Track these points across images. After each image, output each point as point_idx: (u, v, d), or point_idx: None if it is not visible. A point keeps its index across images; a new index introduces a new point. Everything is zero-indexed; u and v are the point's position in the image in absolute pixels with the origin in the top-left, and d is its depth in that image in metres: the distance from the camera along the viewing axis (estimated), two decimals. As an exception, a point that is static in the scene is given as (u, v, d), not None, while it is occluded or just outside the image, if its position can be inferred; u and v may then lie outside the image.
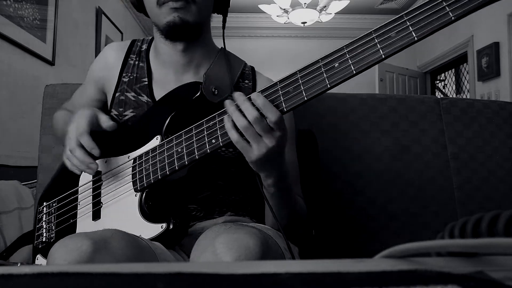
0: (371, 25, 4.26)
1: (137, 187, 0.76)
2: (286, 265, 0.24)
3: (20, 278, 0.23)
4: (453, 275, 0.23)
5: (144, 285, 0.22)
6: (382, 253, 0.26)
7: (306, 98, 0.63)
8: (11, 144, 2.10)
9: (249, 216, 0.89)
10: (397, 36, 0.58)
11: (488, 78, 3.81)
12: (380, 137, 1.25)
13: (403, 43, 0.58)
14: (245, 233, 0.57)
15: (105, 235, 0.62)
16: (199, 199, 0.84)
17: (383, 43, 0.59)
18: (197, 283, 0.22)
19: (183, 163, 0.72)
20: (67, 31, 2.83)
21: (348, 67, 0.61)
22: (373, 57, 0.59)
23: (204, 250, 0.58)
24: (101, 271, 0.23)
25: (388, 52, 0.58)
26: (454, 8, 0.55)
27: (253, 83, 0.92)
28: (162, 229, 0.71)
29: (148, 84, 0.89)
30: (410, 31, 0.57)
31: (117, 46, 0.95)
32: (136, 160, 0.78)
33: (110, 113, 0.90)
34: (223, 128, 0.68)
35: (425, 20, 0.57)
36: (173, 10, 0.78)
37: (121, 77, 0.91)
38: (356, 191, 1.23)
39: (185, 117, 0.79)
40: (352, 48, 0.61)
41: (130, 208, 0.76)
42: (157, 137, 0.78)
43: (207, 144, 0.70)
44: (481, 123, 1.32)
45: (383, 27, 0.60)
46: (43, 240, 0.87)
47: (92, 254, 0.56)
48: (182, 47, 0.86)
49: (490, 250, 0.22)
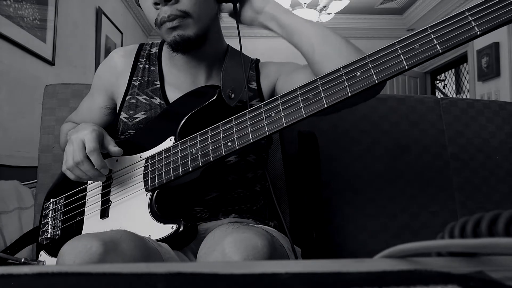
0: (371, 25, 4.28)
1: (148, 186, 0.76)
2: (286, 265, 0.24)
3: (20, 278, 0.23)
4: (453, 275, 0.23)
5: (144, 285, 0.22)
6: (382, 253, 0.26)
7: (326, 105, 0.62)
8: (11, 144, 2.10)
9: (253, 218, 0.89)
10: (421, 48, 0.58)
11: (488, 78, 3.81)
12: (380, 137, 1.25)
13: (427, 55, 0.58)
14: (253, 233, 0.58)
15: (114, 237, 0.61)
16: (206, 201, 0.84)
17: (407, 54, 0.59)
18: (197, 283, 0.22)
19: (197, 165, 0.71)
20: (67, 31, 2.83)
21: (370, 76, 0.60)
22: (396, 67, 0.59)
23: (213, 250, 0.58)
24: (101, 271, 0.23)
25: (411, 63, 0.58)
26: (480, 23, 0.55)
27: (256, 72, 0.92)
28: (172, 230, 0.71)
29: (160, 87, 0.88)
30: (434, 44, 0.57)
31: (124, 51, 0.94)
32: (149, 160, 0.78)
33: (119, 116, 0.89)
34: (240, 132, 0.68)
35: (450, 33, 0.56)
36: (171, 29, 0.77)
37: (131, 81, 0.90)
38: (356, 191, 1.23)
39: (200, 119, 0.78)
40: (374, 58, 0.61)
41: (140, 208, 0.76)
42: (171, 138, 0.77)
43: (223, 147, 0.69)
44: (481, 123, 1.32)
45: (407, 38, 0.60)
46: (48, 236, 0.86)
47: (102, 255, 0.56)
48: (193, 55, 0.86)
49: (490, 250, 0.22)
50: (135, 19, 4.70)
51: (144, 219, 0.74)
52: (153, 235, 0.71)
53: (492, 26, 0.54)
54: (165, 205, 0.77)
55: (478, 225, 0.25)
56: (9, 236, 1.36)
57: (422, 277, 0.23)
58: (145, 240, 0.66)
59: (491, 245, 0.22)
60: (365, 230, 1.22)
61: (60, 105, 1.19)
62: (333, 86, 0.62)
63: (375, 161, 1.24)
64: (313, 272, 0.23)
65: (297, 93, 0.65)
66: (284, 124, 0.65)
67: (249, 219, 0.88)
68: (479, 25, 0.54)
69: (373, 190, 1.23)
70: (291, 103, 0.65)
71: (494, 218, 0.24)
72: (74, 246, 0.58)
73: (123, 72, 0.91)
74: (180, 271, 0.23)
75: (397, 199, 1.24)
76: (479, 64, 3.93)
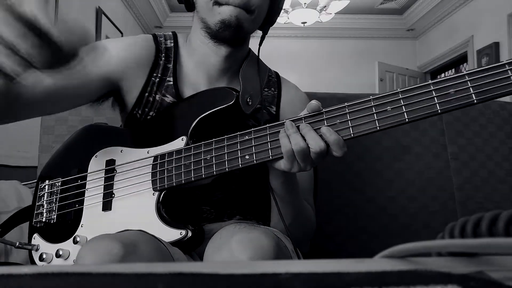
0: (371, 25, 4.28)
1: (157, 186, 0.74)
2: (286, 265, 0.24)
3: (20, 278, 0.23)
4: (453, 275, 0.23)
5: (144, 285, 0.22)
6: (382, 253, 0.26)
7: (352, 135, 0.62)
8: (11, 144, 2.10)
9: (256, 219, 0.89)
10: (456, 96, 0.57)
11: (488, 78, 3.81)
12: (380, 137, 1.25)
13: (461, 103, 0.57)
14: (260, 233, 0.58)
15: (133, 239, 0.61)
16: (212, 201, 0.83)
17: (441, 98, 0.58)
18: (197, 283, 0.22)
19: (211, 173, 0.70)
20: (67, 31, 2.83)
21: (401, 114, 0.60)
22: (428, 110, 0.58)
23: (220, 249, 0.58)
24: (101, 271, 0.23)
25: (444, 109, 0.58)
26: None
27: (278, 92, 0.90)
28: (180, 236, 0.70)
29: (173, 84, 0.84)
30: (470, 93, 0.56)
31: (146, 43, 0.85)
32: (158, 159, 0.75)
33: (133, 112, 0.84)
34: (259, 147, 0.67)
35: (488, 85, 0.55)
36: (232, 12, 0.74)
37: (151, 77, 0.84)
38: (356, 191, 1.23)
39: (213, 122, 0.76)
40: (407, 96, 0.60)
41: (146, 207, 0.74)
42: (183, 138, 0.75)
43: (239, 159, 0.68)
44: (481, 123, 1.32)
45: (443, 82, 0.58)
46: (42, 220, 0.83)
47: (123, 258, 0.55)
48: (225, 52, 0.82)
49: (490, 250, 0.22)
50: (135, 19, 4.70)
51: (151, 219, 0.73)
52: (160, 237, 0.70)
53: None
54: (171, 205, 0.76)
55: (478, 225, 0.25)
56: (9, 236, 1.36)
57: (422, 277, 0.23)
58: (159, 243, 0.66)
59: (491, 245, 0.22)
60: (365, 230, 1.22)
61: (60, 105, 1.19)
62: (361, 118, 0.62)
63: (375, 161, 1.24)
64: (313, 272, 0.23)
65: (323, 117, 0.64)
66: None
67: (253, 220, 0.88)
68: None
69: (373, 190, 1.23)
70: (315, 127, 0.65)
71: (494, 218, 0.24)
72: (95, 248, 0.57)
73: (145, 64, 0.84)
74: (181, 271, 0.23)
75: (397, 199, 1.24)
76: (479, 64, 3.93)
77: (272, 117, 0.87)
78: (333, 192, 1.21)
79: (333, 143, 0.62)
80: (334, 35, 5.62)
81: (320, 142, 0.62)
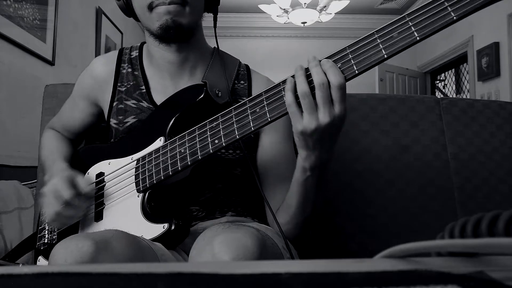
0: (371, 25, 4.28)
1: (140, 188, 0.76)
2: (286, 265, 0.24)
3: (20, 278, 0.23)
4: (453, 275, 0.23)
5: (144, 285, 0.22)
6: (382, 253, 0.26)
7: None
8: (11, 144, 2.10)
9: (251, 216, 0.89)
10: (399, 36, 0.58)
11: (488, 78, 3.81)
12: (380, 137, 1.25)
13: (405, 43, 0.58)
14: (243, 233, 0.58)
15: (106, 236, 0.62)
16: (200, 201, 0.84)
17: (385, 43, 0.59)
18: (197, 283, 0.22)
19: (186, 164, 0.72)
20: (67, 31, 2.83)
21: (350, 67, 0.61)
22: (376, 57, 0.59)
23: (202, 250, 0.58)
24: (101, 271, 0.23)
25: (390, 52, 0.59)
26: (456, 8, 0.55)
27: (248, 83, 0.92)
28: (163, 229, 0.71)
29: (146, 92, 0.88)
30: (412, 31, 0.58)
31: (105, 59, 0.94)
32: (139, 161, 0.78)
33: (109, 123, 0.89)
34: (226, 128, 0.68)
35: (427, 20, 0.57)
36: (165, 14, 0.77)
37: (116, 87, 0.90)
38: (356, 191, 1.23)
39: (190, 118, 0.79)
40: (354, 49, 0.61)
41: (133, 209, 0.76)
42: (160, 139, 0.78)
43: (210, 145, 0.70)
44: (481, 123, 1.32)
45: (385, 27, 0.60)
46: (45, 241, 0.87)
47: (93, 254, 0.56)
48: (176, 47, 0.85)
49: (490, 250, 0.22)
50: (135, 19, 4.69)
51: (137, 220, 0.75)
52: (145, 235, 0.72)
53: (468, 10, 0.55)
54: (158, 205, 0.78)
55: (478, 225, 0.25)
56: (9, 236, 1.36)
57: (422, 277, 0.23)
58: (137, 239, 0.67)
59: (491, 245, 0.22)
60: (365, 230, 1.22)
61: (60, 105, 1.18)
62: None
63: (375, 161, 1.24)
64: (313, 272, 0.23)
65: (280, 88, 0.65)
66: (268, 119, 0.65)
67: (247, 217, 0.88)
68: (455, 10, 0.55)
69: (373, 190, 1.23)
70: (276, 97, 0.65)
71: (494, 218, 0.24)
72: (66, 245, 0.58)
73: (107, 79, 0.91)
74: (180, 271, 0.23)
75: (397, 199, 1.24)
76: (479, 64, 3.93)
77: None
78: (333, 192, 1.21)
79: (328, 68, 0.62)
80: (334, 35, 5.62)
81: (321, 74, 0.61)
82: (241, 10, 5.14)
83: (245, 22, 5.42)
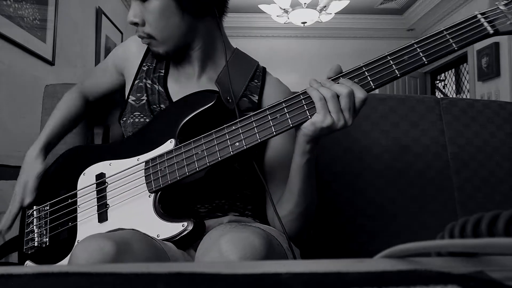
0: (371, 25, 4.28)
1: (152, 188, 0.76)
2: (286, 265, 0.24)
3: (20, 278, 0.23)
4: (453, 275, 0.23)
5: (144, 285, 0.22)
6: (382, 253, 0.26)
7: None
8: (11, 144, 2.09)
9: (252, 216, 0.89)
10: (410, 60, 0.70)
11: (488, 78, 3.81)
12: (380, 137, 1.25)
13: (415, 66, 0.70)
14: (251, 232, 0.58)
15: (125, 237, 0.62)
16: (205, 199, 0.84)
17: (398, 64, 0.70)
18: (197, 283, 0.22)
19: (205, 164, 0.73)
20: (67, 31, 2.83)
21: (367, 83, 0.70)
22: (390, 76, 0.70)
23: (210, 249, 0.58)
24: (101, 271, 0.23)
25: (403, 72, 0.70)
26: (457, 41, 0.70)
27: (262, 83, 0.93)
28: (182, 228, 0.71)
29: (164, 76, 0.91)
30: (420, 56, 0.70)
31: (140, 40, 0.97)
32: (149, 163, 0.78)
33: (128, 100, 0.91)
34: (247, 133, 0.71)
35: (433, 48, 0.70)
36: (141, 42, 0.86)
37: (141, 66, 0.94)
38: (356, 191, 1.23)
39: (199, 122, 0.80)
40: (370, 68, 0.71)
41: (144, 209, 0.76)
42: (171, 141, 0.78)
43: (230, 147, 0.72)
44: (481, 123, 1.32)
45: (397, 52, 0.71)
46: (34, 244, 0.84)
47: (115, 256, 0.56)
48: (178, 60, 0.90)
49: (490, 250, 0.22)
50: (135, 19, 4.69)
51: (150, 219, 0.74)
52: (162, 234, 0.72)
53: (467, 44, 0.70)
54: (167, 205, 0.78)
55: (478, 225, 0.25)
56: (9, 236, 1.36)
57: (422, 277, 0.23)
58: (153, 241, 0.67)
59: (491, 245, 0.22)
60: (365, 230, 1.22)
61: (60, 105, 1.19)
62: None
63: (375, 161, 1.24)
64: (313, 272, 0.23)
65: (300, 98, 0.71)
66: (290, 125, 0.71)
67: (249, 217, 0.88)
68: (456, 42, 0.69)
69: (373, 190, 1.23)
70: (296, 107, 0.71)
71: (494, 218, 0.24)
72: (87, 246, 0.58)
73: (137, 55, 0.95)
74: (180, 271, 0.23)
75: (397, 199, 1.24)
76: (479, 64, 3.93)
77: (253, 105, 0.89)
78: (333, 192, 1.21)
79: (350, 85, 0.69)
80: (334, 35, 5.61)
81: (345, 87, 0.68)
82: (241, 10, 5.14)
83: (245, 22, 5.41)
